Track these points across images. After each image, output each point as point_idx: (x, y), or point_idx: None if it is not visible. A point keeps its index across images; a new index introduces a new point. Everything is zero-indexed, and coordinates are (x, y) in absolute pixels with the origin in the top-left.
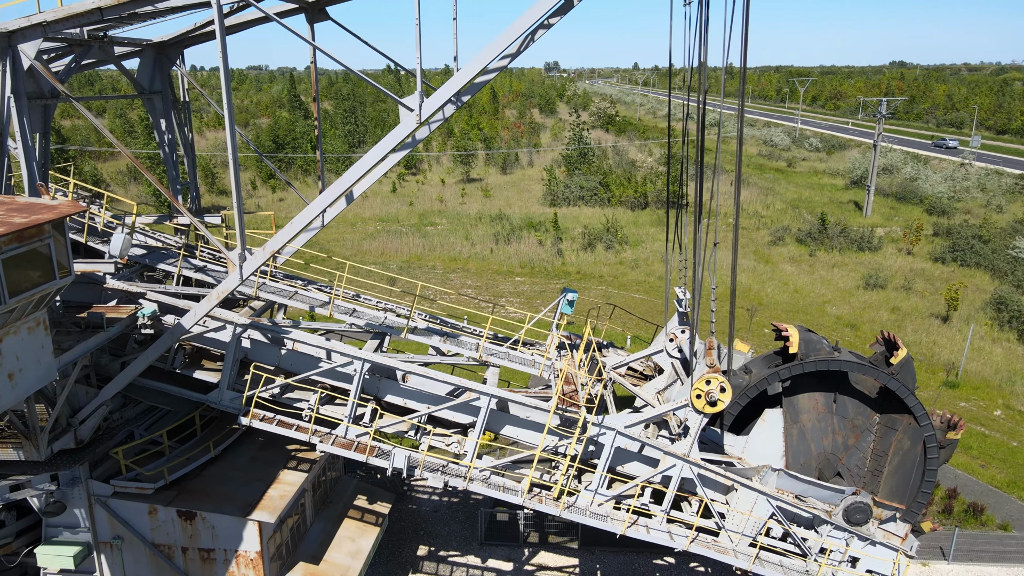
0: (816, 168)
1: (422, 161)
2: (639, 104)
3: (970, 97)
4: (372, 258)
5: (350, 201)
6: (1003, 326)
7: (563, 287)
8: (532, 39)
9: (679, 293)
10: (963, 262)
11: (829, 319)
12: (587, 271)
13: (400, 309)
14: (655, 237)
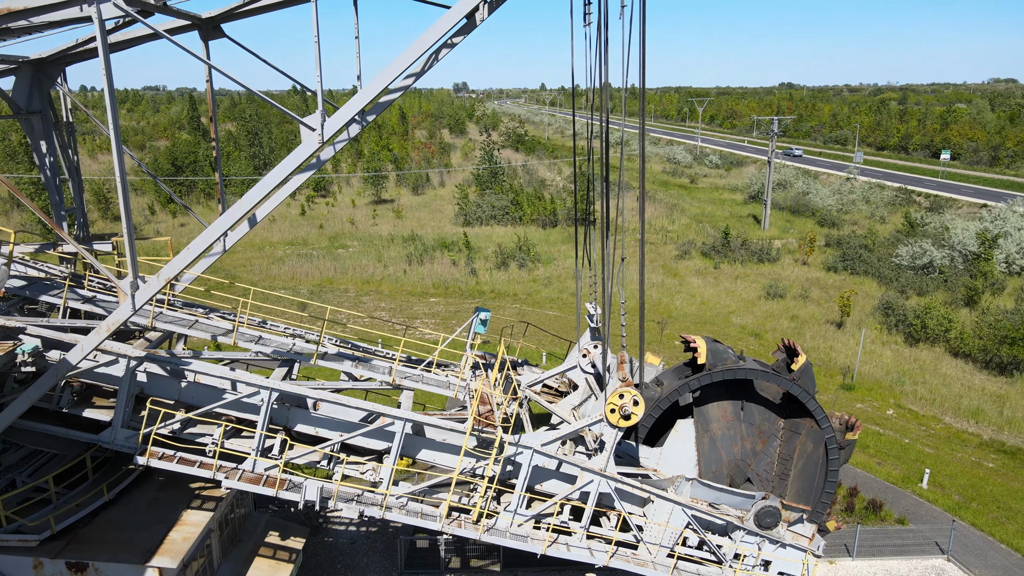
0: (717, 184)
1: (331, 183)
2: (547, 124)
3: (852, 116)
4: (281, 283)
5: (253, 224)
6: (891, 330)
7: (476, 306)
8: (436, 58)
9: (590, 309)
10: (853, 270)
11: (734, 329)
12: (501, 290)
13: (310, 335)
14: (566, 254)
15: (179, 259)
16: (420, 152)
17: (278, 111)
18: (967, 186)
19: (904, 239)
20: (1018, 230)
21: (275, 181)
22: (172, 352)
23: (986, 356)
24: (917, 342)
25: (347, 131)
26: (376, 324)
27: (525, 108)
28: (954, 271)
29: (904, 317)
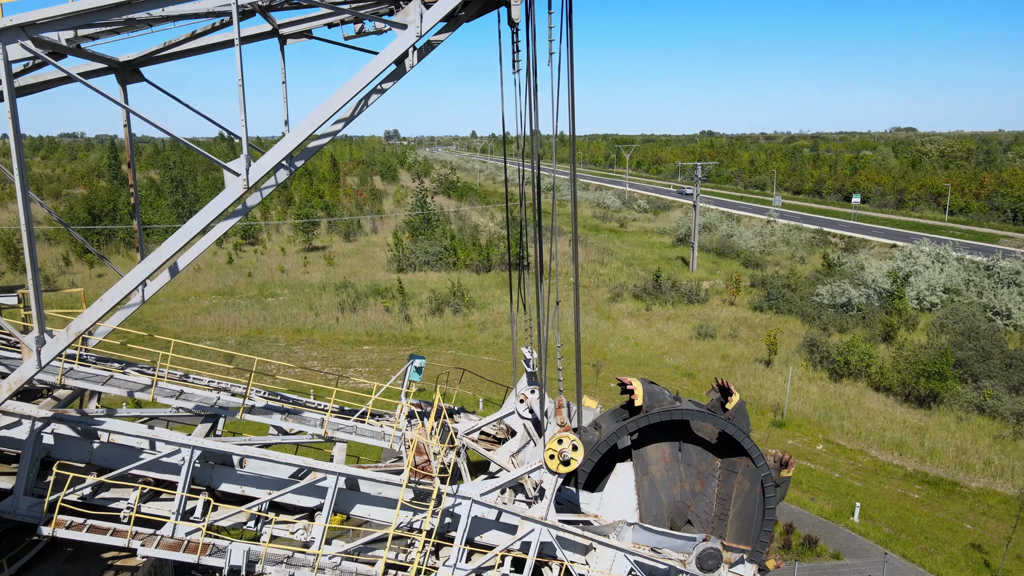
0: (646, 228)
1: (260, 231)
2: (479, 170)
3: (769, 162)
4: (207, 334)
5: (175, 273)
6: (816, 366)
7: (411, 353)
8: (366, 104)
9: (526, 353)
10: (777, 309)
11: (668, 370)
12: (436, 336)
13: (236, 387)
14: (501, 299)
15: (91, 311)
16: (352, 199)
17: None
18: (877, 227)
19: (823, 278)
20: (926, 268)
21: (197, 227)
22: (83, 411)
23: (905, 389)
24: (841, 377)
25: (274, 176)
26: (307, 374)
27: (457, 155)
28: (871, 308)
29: (828, 354)
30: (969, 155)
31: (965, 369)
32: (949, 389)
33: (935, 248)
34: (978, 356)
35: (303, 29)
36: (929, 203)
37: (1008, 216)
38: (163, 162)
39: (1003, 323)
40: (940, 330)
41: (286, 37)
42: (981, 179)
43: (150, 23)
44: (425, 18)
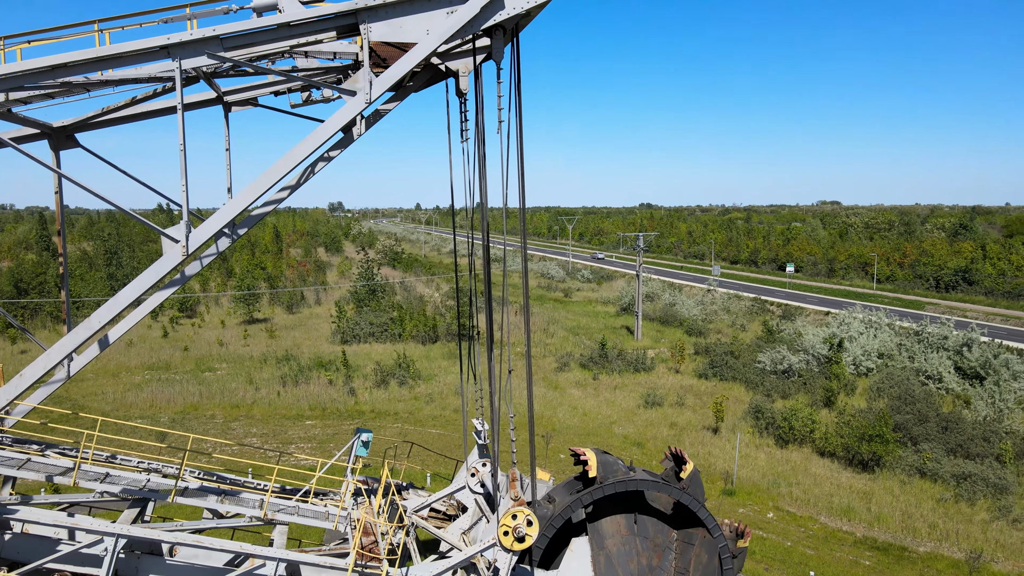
0: (590, 297)
1: (199, 303)
2: (423, 241)
3: (706, 233)
4: (139, 411)
5: (105, 347)
6: (762, 432)
7: (357, 427)
8: (313, 171)
9: (477, 425)
10: (722, 377)
11: (617, 439)
12: (381, 409)
13: (168, 468)
14: (448, 370)
15: (7, 389)
16: (295, 270)
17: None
18: (811, 295)
19: (764, 345)
20: (860, 334)
21: (130, 297)
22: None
23: (849, 454)
24: (787, 443)
25: (215, 245)
26: (246, 452)
27: (401, 227)
28: (811, 374)
29: (773, 420)
30: (891, 226)
31: (904, 432)
32: (891, 453)
33: (867, 314)
34: (915, 419)
35: (249, 97)
36: (857, 272)
37: (931, 284)
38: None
39: (935, 387)
40: (877, 394)
41: (231, 104)
42: (904, 249)
43: (87, 87)
44: (375, 85)
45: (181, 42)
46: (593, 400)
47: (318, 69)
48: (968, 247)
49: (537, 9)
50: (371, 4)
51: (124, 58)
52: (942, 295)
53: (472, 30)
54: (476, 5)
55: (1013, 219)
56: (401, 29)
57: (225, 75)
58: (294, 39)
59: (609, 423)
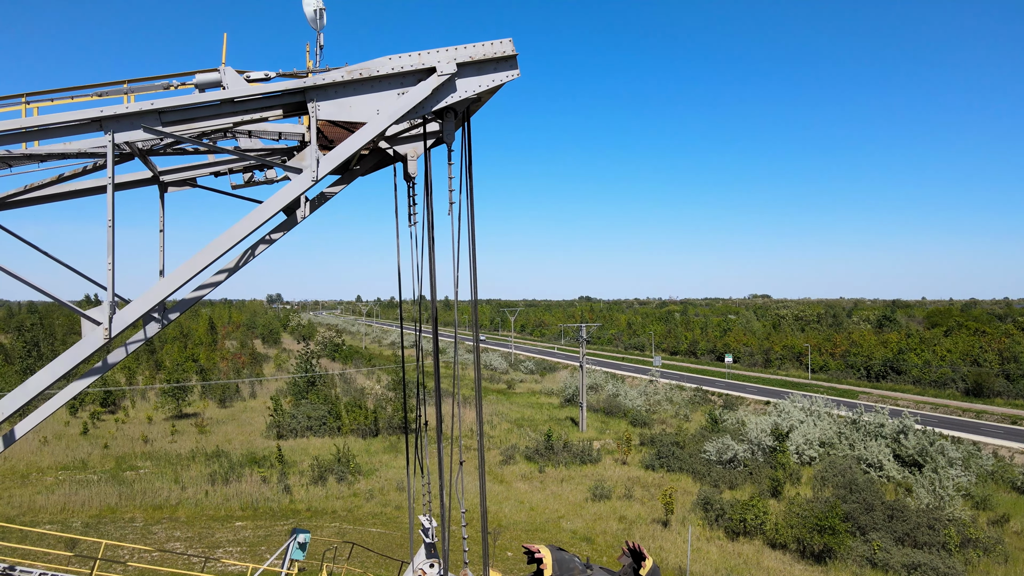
0: (533, 389)
1: (123, 396)
2: (364, 333)
3: (645, 325)
4: (49, 516)
5: (9, 443)
6: (712, 525)
7: (293, 528)
8: (253, 254)
9: (424, 522)
10: (668, 467)
11: (566, 534)
12: (318, 507)
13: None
14: (389, 464)
15: None
16: (230, 363)
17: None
18: (750, 385)
19: (709, 435)
20: (800, 423)
21: (40, 386)
22: None
23: (800, 546)
24: (737, 536)
25: (144, 330)
26: (167, 559)
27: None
28: (756, 463)
29: (723, 512)
30: (820, 318)
31: (852, 522)
32: (842, 543)
33: (807, 403)
34: (862, 508)
35: (187, 177)
36: (792, 362)
37: (862, 373)
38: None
39: (877, 475)
40: (822, 483)
41: (167, 184)
42: (834, 340)
43: (8, 162)
44: (322, 163)
45: (116, 115)
46: (540, 494)
47: (261, 150)
48: (894, 338)
49: (488, 94)
50: (320, 83)
51: (52, 131)
52: (873, 384)
53: (423, 111)
54: (427, 87)
55: (932, 311)
56: (351, 109)
57: (162, 153)
58: (238, 116)
59: (557, 517)
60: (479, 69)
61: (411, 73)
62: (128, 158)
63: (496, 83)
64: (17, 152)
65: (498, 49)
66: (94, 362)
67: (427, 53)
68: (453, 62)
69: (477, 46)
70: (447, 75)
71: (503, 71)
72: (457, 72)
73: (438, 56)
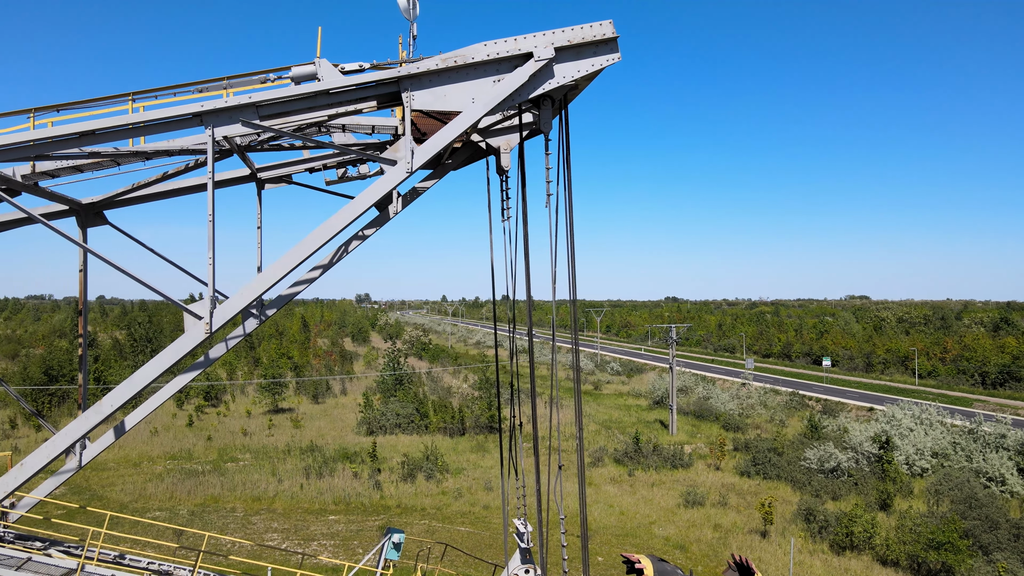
0: (620, 390)
1: (224, 391)
2: (450, 333)
3: (735, 326)
4: (158, 503)
5: (120, 434)
6: (815, 537)
7: (386, 526)
8: (347, 250)
9: (519, 525)
10: (765, 475)
11: (658, 541)
12: (408, 504)
13: (181, 570)
14: (476, 464)
15: (7, 479)
16: (322, 360)
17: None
18: (851, 390)
19: (808, 442)
20: (910, 431)
21: (147, 379)
22: None
23: (914, 564)
24: (844, 550)
25: (243, 326)
26: (265, 552)
27: (428, 318)
28: (861, 473)
29: (827, 524)
30: (926, 321)
31: (973, 540)
32: (962, 562)
33: (916, 410)
34: (985, 526)
35: (283, 174)
36: (897, 366)
37: (976, 380)
38: (130, 323)
39: (999, 490)
40: (937, 497)
41: (264, 181)
42: (944, 344)
43: (117, 160)
44: (416, 154)
45: (215, 109)
46: (630, 498)
47: (355, 145)
48: (1012, 342)
49: (586, 80)
50: (414, 72)
51: (155, 126)
52: (989, 391)
53: (519, 99)
54: (524, 74)
55: None
56: (445, 98)
57: (259, 149)
58: (332, 108)
59: (648, 523)
60: (578, 53)
61: (507, 59)
62: (227, 155)
63: (595, 68)
64: (125, 149)
65: (597, 32)
66: (197, 357)
67: (523, 38)
68: (551, 47)
69: (576, 29)
70: (544, 60)
71: (603, 55)
72: (555, 57)
73: (535, 41)
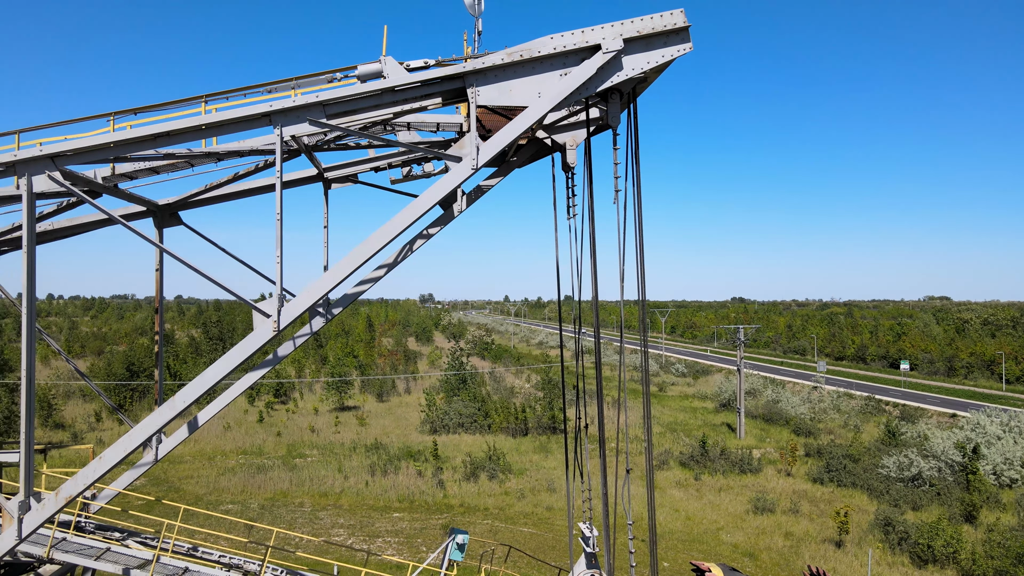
0: (685, 392)
1: (293, 389)
2: (512, 333)
3: (806, 327)
4: (231, 496)
5: (194, 429)
6: (894, 549)
7: (450, 526)
8: (411, 249)
9: (584, 530)
10: (839, 482)
11: (726, 548)
12: (471, 503)
13: (250, 564)
14: (539, 464)
15: (87, 472)
16: (386, 359)
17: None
18: (931, 395)
19: (885, 449)
20: (998, 439)
21: (218, 375)
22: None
23: None
24: (925, 563)
25: (309, 324)
26: (331, 549)
27: (490, 318)
28: (943, 483)
29: (907, 535)
30: (1014, 323)
31: None
32: None
33: (1005, 417)
34: None
35: (349, 173)
36: (982, 371)
37: None
38: (205, 321)
39: None
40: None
41: (331, 181)
42: None
43: (191, 161)
44: (481, 150)
45: (283, 109)
46: (696, 502)
47: (420, 143)
48: None
49: (656, 73)
50: (479, 67)
51: (226, 126)
52: None
53: (586, 92)
54: (591, 66)
55: None
56: (511, 93)
57: (326, 149)
58: (398, 105)
59: (715, 529)
60: (647, 44)
61: (574, 52)
62: (295, 155)
63: (666, 59)
64: (198, 150)
65: (668, 21)
66: (266, 354)
67: (591, 30)
68: (619, 38)
69: (645, 19)
70: (613, 52)
71: (673, 45)
72: (623, 49)
73: (603, 32)
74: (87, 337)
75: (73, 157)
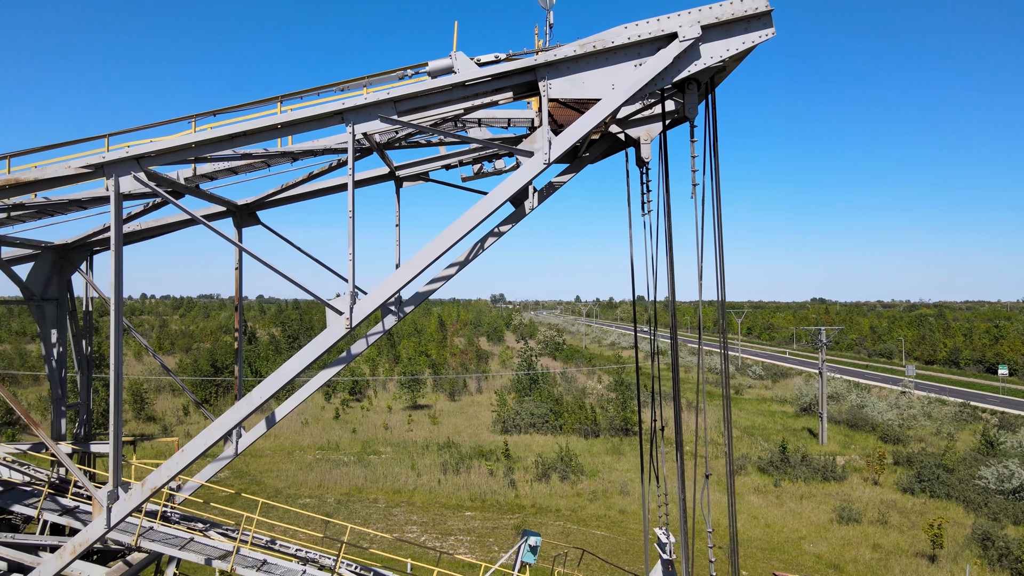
0: (763, 395)
1: (367, 386)
2: (584, 333)
3: (892, 329)
4: (308, 490)
5: (271, 424)
6: (993, 565)
7: (522, 528)
8: (483, 247)
9: (661, 536)
10: (932, 493)
11: (808, 558)
12: (542, 504)
13: (325, 559)
14: (611, 466)
15: (171, 464)
16: (458, 358)
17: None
18: None
19: (983, 459)
20: None
21: (293, 371)
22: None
23: None
24: None
25: (382, 323)
26: (404, 546)
27: (561, 319)
28: None
29: (1008, 551)
30: None
31: None
32: None
33: None
34: None
35: (420, 171)
36: None
37: None
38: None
39: None
40: None
41: (402, 179)
42: None
43: (267, 161)
44: (554, 145)
45: (355, 106)
46: (776, 510)
47: (491, 139)
48: None
49: (736, 61)
50: (551, 59)
51: (299, 124)
52: None
53: (662, 83)
54: (667, 56)
55: None
56: (583, 85)
57: (397, 147)
58: (469, 100)
59: (797, 538)
60: (726, 31)
61: (649, 41)
62: (367, 153)
63: (747, 46)
64: (274, 150)
65: (748, 6)
66: (340, 352)
67: (667, 18)
68: (697, 25)
69: (724, 4)
70: (690, 40)
71: (755, 31)
72: (701, 36)
73: (679, 20)
74: (176, 335)
75: (157, 158)
